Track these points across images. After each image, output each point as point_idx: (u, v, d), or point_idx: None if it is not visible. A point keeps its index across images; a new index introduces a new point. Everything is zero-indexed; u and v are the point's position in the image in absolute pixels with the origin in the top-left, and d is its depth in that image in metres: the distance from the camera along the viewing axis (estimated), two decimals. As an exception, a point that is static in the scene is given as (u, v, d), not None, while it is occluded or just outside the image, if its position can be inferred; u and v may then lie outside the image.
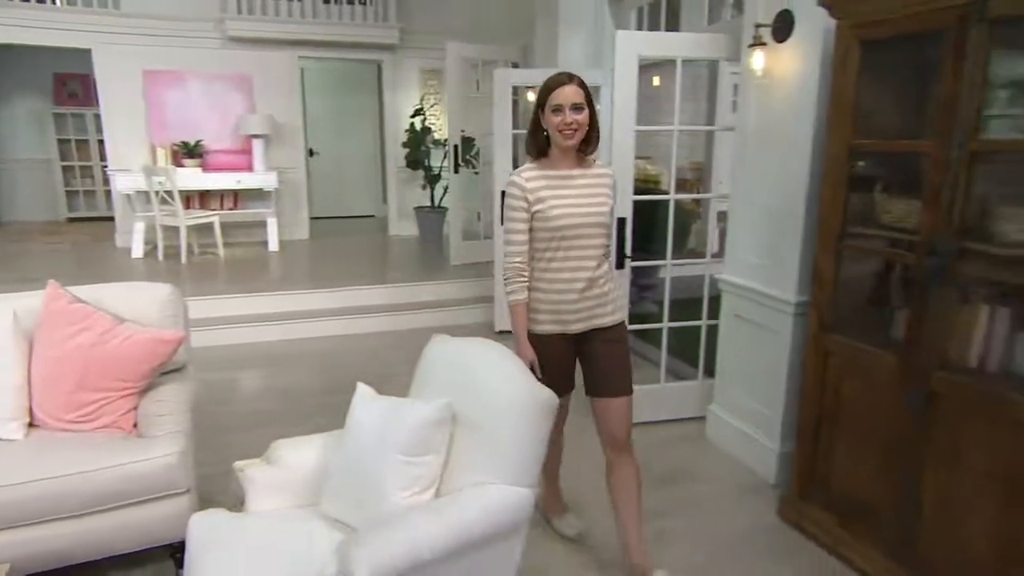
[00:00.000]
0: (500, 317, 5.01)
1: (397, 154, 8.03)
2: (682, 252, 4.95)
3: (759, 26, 2.81)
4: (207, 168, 7.17)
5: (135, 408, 2.34)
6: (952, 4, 1.89)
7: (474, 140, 6.58)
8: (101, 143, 7.92)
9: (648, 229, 4.13)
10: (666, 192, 3.45)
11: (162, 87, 7.11)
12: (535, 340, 2.19)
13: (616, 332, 2.25)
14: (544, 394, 1.80)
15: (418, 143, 7.64)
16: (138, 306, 2.47)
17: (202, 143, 7.19)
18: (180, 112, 7.19)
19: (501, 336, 4.75)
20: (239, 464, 1.99)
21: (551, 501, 2.60)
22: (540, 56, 5.54)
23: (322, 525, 1.83)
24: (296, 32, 7.28)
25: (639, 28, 4.95)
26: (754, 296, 3.01)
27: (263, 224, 7.23)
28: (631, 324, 3.02)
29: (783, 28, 2.73)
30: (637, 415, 2.33)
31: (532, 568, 2.28)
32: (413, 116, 7.72)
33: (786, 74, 2.75)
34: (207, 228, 6.71)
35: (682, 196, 3.71)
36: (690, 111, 7.40)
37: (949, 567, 2.05)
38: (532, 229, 2.14)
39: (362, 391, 1.94)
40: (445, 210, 7.33)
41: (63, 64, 8.74)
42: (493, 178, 4.99)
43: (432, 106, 8.04)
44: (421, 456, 1.75)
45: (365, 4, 7.52)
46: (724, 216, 3.31)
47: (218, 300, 5.05)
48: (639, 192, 3.33)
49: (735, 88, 3.10)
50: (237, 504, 1.98)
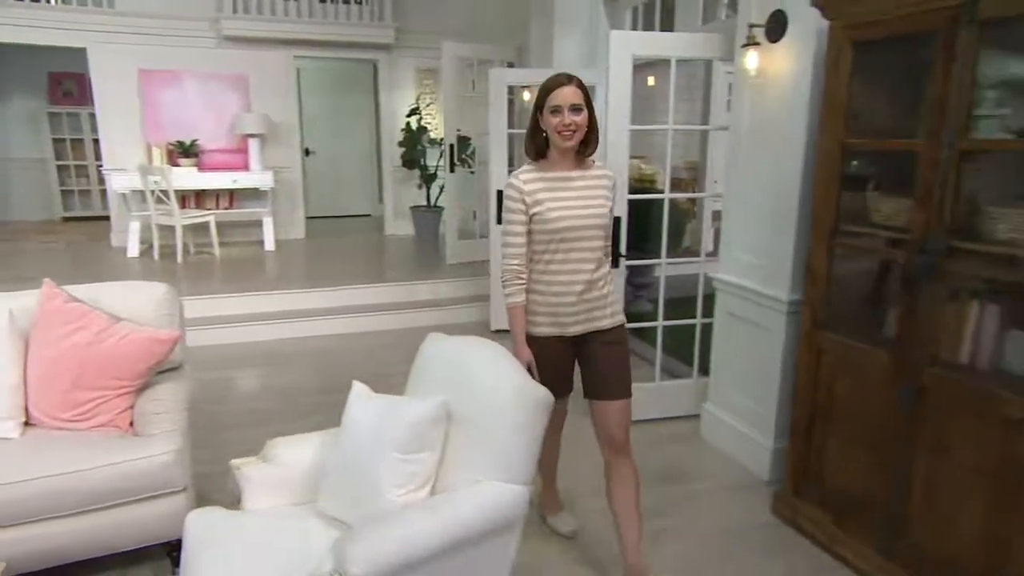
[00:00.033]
0: (496, 316, 5.02)
1: (393, 153, 8.04)
2: (677, 251, 4.96)
3: (753, 26, 2.83)
4: (203, 167, 7.16)
5: (131, 407, 2.35)
6: (943, 5, 1.91)
7: (470, 139, 6.59)
8: (96, 142, 7.90)
9: (643, 228, 4.15)
10: (661, 191, 3.47)
11: (158, 86, 7.09)
12: (533, 342, 2.18)
13: (615, 334, 2.23)
14: (539, 392, 1.81)
15: (414, 142, 7.65)
16: (134, 305, 2.48)
17: (198, 142, 7.18)
18: (176, 111, 7.17)
19: (497, 335, 4.76)
20: (236, 462, 1.99)
21: (547, 499, 2.62)
22: (535, 56, 5.55)
23: (318, 523, 1.84)
24: (292, 31, 7.28)
25: (634, 28, 4.96)
26: (748, 294, 3.02)
27: (259, 223, 7.23)
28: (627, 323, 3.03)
29: (776, 28, 2.74)
30: (632, 413, 2.33)
31: (527, 565, 2.30)
32: (409, 115, 7.73)
33: (779, 74, 2.77)
34: (203, 227, 6.71)
35: (677, 195, 3.73)
36: (685, 110, 7.41)
37: (939, 562, 2.07)
38: (531, 231, 2.12)
39: (358, 389, 1.94)
40: (441, 209, 7.33)
41: (58, 63, 8.71)
42: (489, 177, 5.00)
43: (428, 105, 8.05)
44: (416, 453, 1.76)
45: (361, 3, 7.52)
46: (719, 215, 3.33)
47: (214, 299, 5.05)
48: (634, 191, 3.35)
49: (730, 87, 3.12)
50: (234, 502, 1.98)
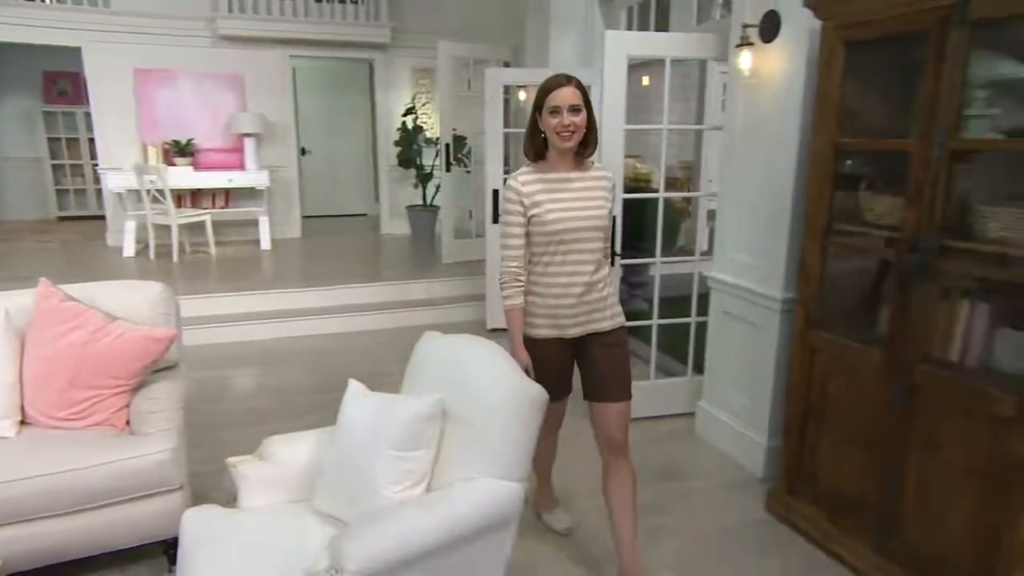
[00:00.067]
0: (492, 315, 5.03)
1: (389, 153, 8.04)
2: (672, 250, 4.98)
3: (746, 26, 2.84)
4: (198, 167, 7.16)
5: (127, 406, 2.35)
6: (934, 6, 1.93)
7: (466, 139, 6.60)
8: (92, 141, 7.87)
9: (638, 227, 4.17)
10: (656, 190, 3.48)
11: (153, 85, 7.08)
12: (532, 344, 2.16)
13: (615, 336, 2.21)
14: (534, 390, 1.82)
15: (410, 142, 7.66)
16: (130, 304, 2.48)
17: (193, 142, 7.17)
18: (171, 111, 7.17)
19: (493, 334, 4.78)
20: (232, 460, 1.99)
21: (543, 497, 2.63)
22: (531, 55, 5.56)
23: (315, 520, 1.85)
24: (287, 31, 7.28)
25: (629, 27, 4.98)
26: (742, 293, 3.04)
27: (255, 223, 7.23)
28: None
29: (770, 28, 2.76)
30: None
31: (522, 562, 2.31)
32: (405, 115, 7.73)
33: (773, 74, 2.78)
34: (199, 227, 6.70)
35: (671, 195, 3.74)
36: (679, 110, 7.44)
37: (932, 559, 2.09)
38: (529, 233, 2.10)
39: (354, 388, 1.95)
40: (437, 208, 7.34)
41: (53, 62, 8.69)
42: (485, 177, 5.01)
43: (424, 105, 8.06)
44: (412, 451, 1.77)
45: (357, 3, 7.52)
46: (714, 214, 3.34)
47: (210, 299, 5.05)
48: (629, 191, 3.37)
49: (724, 87, 3.13)
50: (230, 500, 1.99)
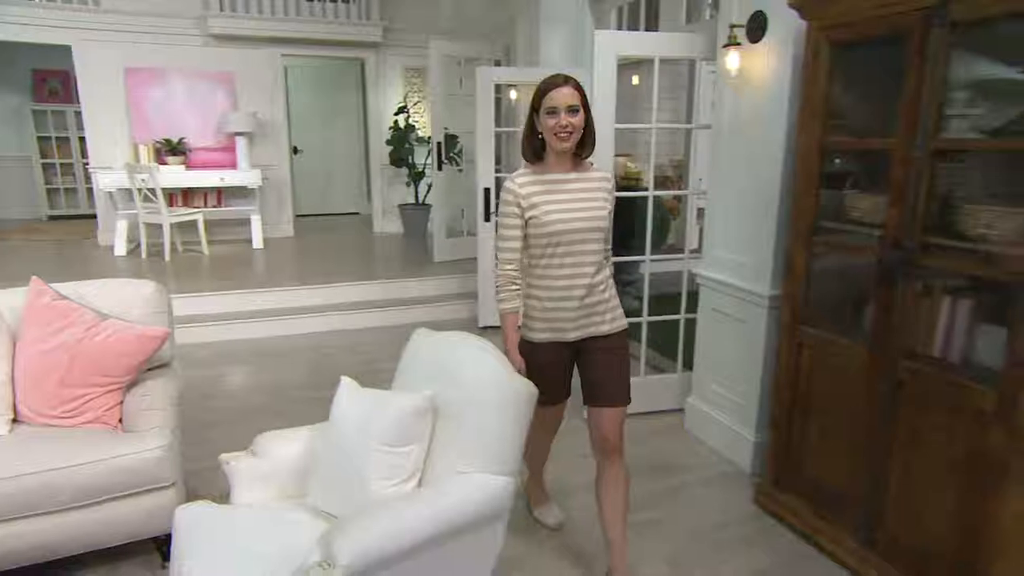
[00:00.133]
0: (483, 313, 5.06)
1: (381, 151, 8.04)
2: (662, 248, 5.02)
3: (734, 26, 2.87)
4: (190, 165, 7.14)
5: (120, 403, 2.36)
6: (915, 7, 1.96)
7: (457, 137, 6.61)
8: (82, 140, 7.85)
9: (628, 225, 4.20)
10: (647, 189, 3.51)
11: (144, 84, 7.06)
12: (530, 348, 2.14)
13: (615, 340, 2.17)
14: (523, 385, 1.85)
15: (402, 140, 7.66)
16: (122, 302, 2.49)
17: (185, 140, 7.16)
18: (162, 109, 7.14)
19: (485, 331, 4.80)
20: (225, 456, 2.00)
21: (534, 492, 2.65)
22: (522, 54, 5.58)
23: (307, 516, 1.86)
24: (279, 30, 7.27)
25: (619, 27, 5.01)
26: (730, 290, 3.07)
27: (247, 221, 7.23)
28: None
29: (757, 29, 2.79)
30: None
31: (512, 555, 2.34)
32: (397, 113, 7.73)
33: (760, 74, 2.82)
34: (191, 225, 6.70)
35: (660, 193, 3.77)
36: (670, 109, 7.47)
37: (915, 551, 2.13)
38: (527, 235, 2.08)
39: (346, 384, 1.97)
40: (429, 207, 7.35)
41: (43, 61, 8.66)
42: (476, 175, 5.03)
43: (415, 103, 8.06)
44: (403, 446, 1.79)
45: (348, 2, 7.51)
46: (704, 213, 3.37)
47: (202, 297, 5.06)
48: (620, 189, 3.38)
49: (714, 86, 3.17)
50: (223, 497, 2.00)
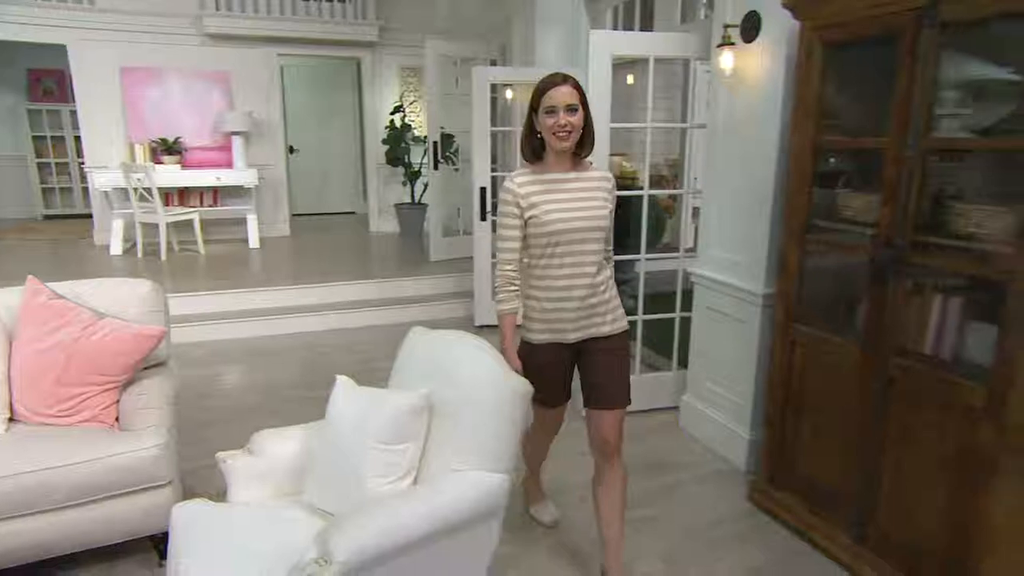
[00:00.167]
0: (480, 312, 5.07)
1: (377, 151, 8.05)
2: (657, 247, 5.03)
3: (728, 26, 2.89)
4: (186, 165, 7.14)
5: (117, 402, 2.37)
6: (906, 8, 1.98)
7: (453, 137, 6.62)
8: (78, 139, 7.82)
9: (624, 224, 4.21)
10: (643, 188, 3.53)
11: (140, 84, 7.05)
12: (529, 349, 2.13)
13: (616, 341, 2.16)
14: (519, 384, 1.86)
15: (398, 140, 7.66)
16: (118, 302, 2.50)
17: (181, 140, 7.15)
18: (158, 109, 7.13)
19: (481, 331, 4.82)
20: (221, 455, 2.01)
21: (531, 489, 2.67)
22: (518, 54, 5.59)
23: (304, 513, 1.87)
24: (275, 29, 7.27)
25: (615, 27, 5.02)
26: (725, 289, 3.09)
27: (243, 221, 7.23)
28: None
29: (751, 29, 2.81)
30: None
31: (508, 552, 2.36)
32: (393, 113, 7.74)
33: (754, 73, 2.83)
34: (187, 225, 6.69)
35: (656, 192, 3.79)
36: (664, 108, 7.49)
37: (908, 547, 2.15)
38: (527, 236, 2.07)
39: (342, 382, 1.98)
40: (425, 206, 7.36)
41: (38, 60, 8.63)
42: (472, 175, 5.04)
43: (412, 103, 8.07)
44: (399, 444, 1.80)
45: (344, 1, 7.51)
46: (699, 212, 3.39)
47: (199, 296, 5.06)
48: (616, 188, 3.41)
49: (709, 86, 3.18)
50: (219, 495, 2.01)
